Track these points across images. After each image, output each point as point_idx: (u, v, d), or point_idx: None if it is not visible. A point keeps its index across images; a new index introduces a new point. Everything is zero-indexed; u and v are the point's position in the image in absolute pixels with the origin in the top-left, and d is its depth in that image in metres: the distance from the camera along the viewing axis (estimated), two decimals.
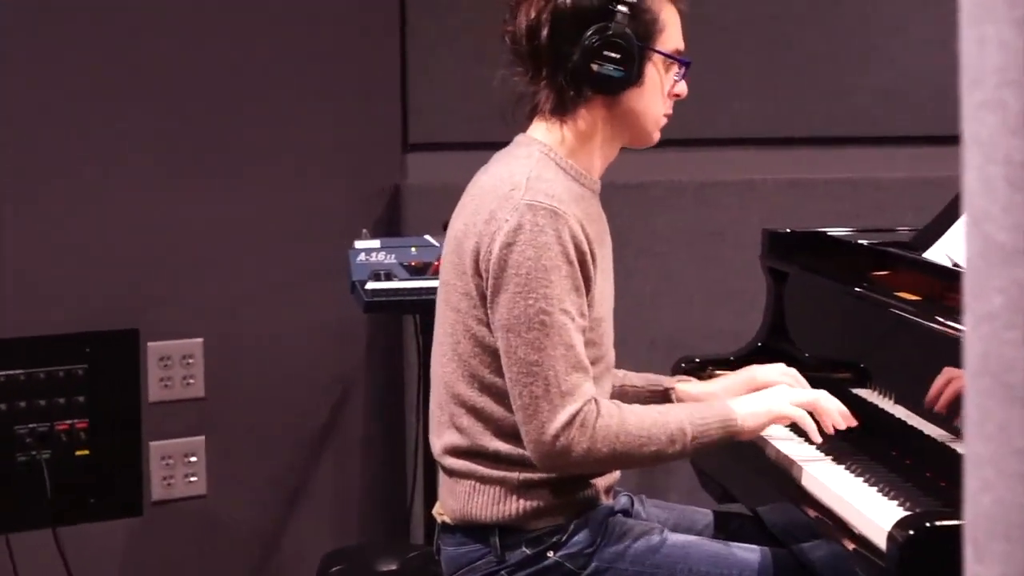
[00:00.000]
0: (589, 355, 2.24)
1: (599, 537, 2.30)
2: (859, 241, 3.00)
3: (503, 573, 2.29)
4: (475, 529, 2.31)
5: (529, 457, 2.25)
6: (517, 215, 2.19)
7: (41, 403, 3.39)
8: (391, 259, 3.26)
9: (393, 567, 2.62)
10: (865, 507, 2.17)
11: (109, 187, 3.53)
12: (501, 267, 2.18)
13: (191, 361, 3.66)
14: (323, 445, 3.85)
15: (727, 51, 3.89)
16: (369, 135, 3.87)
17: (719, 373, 2.94)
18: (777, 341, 3.05)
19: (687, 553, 2.32)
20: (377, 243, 3.32)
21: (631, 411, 2.24)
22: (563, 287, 2.18)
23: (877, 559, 2.05)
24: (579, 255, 2.21)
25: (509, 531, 2.29)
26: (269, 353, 3.75)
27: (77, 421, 3.43)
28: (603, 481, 2.36)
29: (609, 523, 2.32)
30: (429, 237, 3.35)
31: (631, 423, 2.21)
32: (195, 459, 3.68)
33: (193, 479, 3.68)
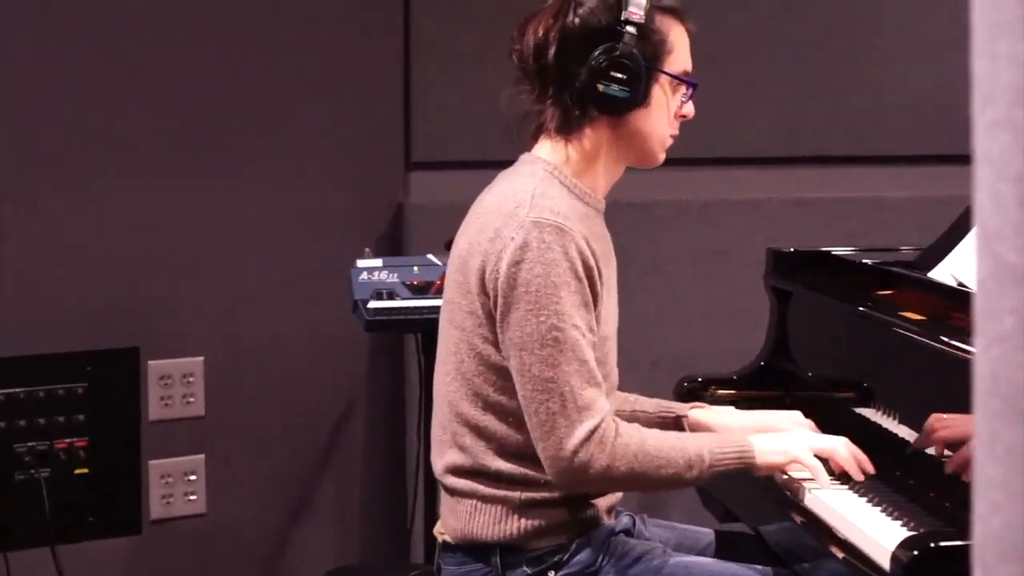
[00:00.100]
0: None
1: (601, 557, 2.29)
2: (863, 260, 3.00)
3: None
4: (476, 548, 2.30)
5: (531, 476, 2.24)
6: (523, 233, 2.18)
7: (40, 421, 3.38)
8: (393, 278, 3.25)
9: None
10: (869, 527, 2.16)
11: (110, 201, 3.52)
12: (510, 286, 2.17)
13: (191, 380, 3.65)
14: (323, 464, 3.84)
15: (733, 71, 3.89)
16: (372, 154, 3.86)
17: (721, 393, 2.93)
18: (780, 360, 3.03)
19: (690, 573, 2.31)
20: (379, 262, 3.31)
21: (651, 433, 2.25)
22: (573, 303, 2.17)
23: None
24: (587, 271, 2.20)
25: (510, 550, 2.28)
26: (269, 372, 3.74)
27: (77, 439, 3.42)
28: (605, 501, 2.35)
29: (611, 543, 2.31)
30: (431, 256, 3.34)
31: (650, 444, 2.21)
32: (195, 477, 3.67)
33: (192, 498, 3.67)
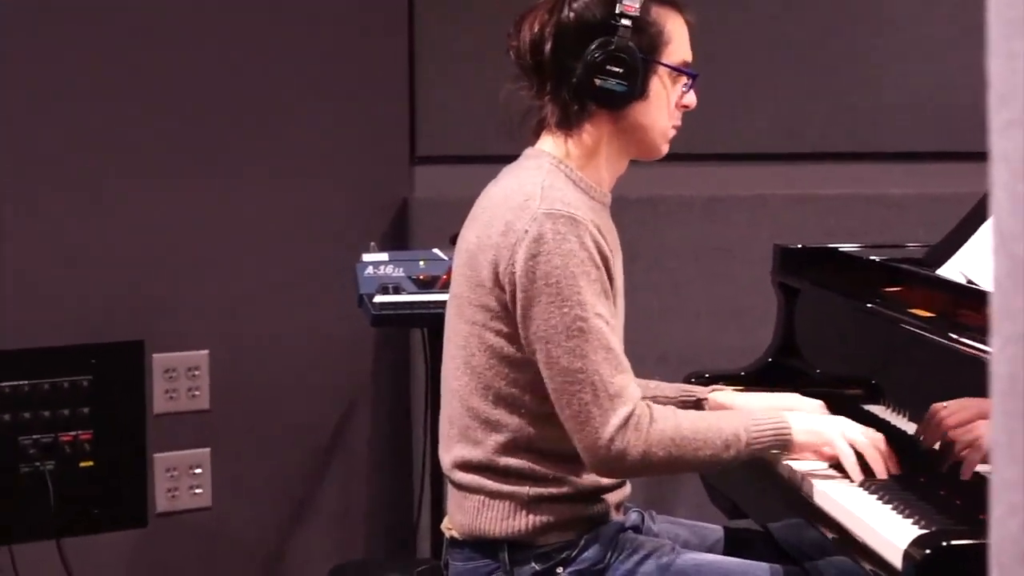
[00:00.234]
0: None
1: (610, 553, 2.28)
2: (871, 257, 2.99)
3: None
4: (484, 544, 2.29)
5: (539, 471, 2.24)
6: (536, 225, 2.17)
7: (45, 414, 3.37)
8: (399, 272, 3.24)
9: None
10: (880, 525, 2.15)
11: (113, 196, 3.51)
12: (530, 279, 2.16)
13: (196, 373, 3.65)
14: (329, 458, 3.83)
15: (738, 66, 3.88)
16: (377, 148, 3.85)
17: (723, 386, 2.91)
18: (788, 357, 3.02)
19: (699, 570, 2.30)
20: (385, 256, 3.30)
21: (685, 415, 2.24)
22: (593, 291, 2.17)
23: None
24: (603, 259, 2.20)
25: (518, 546, 2.27)
26: (275, 365, 3.73)
27: (81, 432, 3.41)
28: (614, 496, 2.34)
29: (620, 539, 2.30)
30: (437, 250, 3.33)
31: (686, 427, 2.20)
32: (200, 471, 3.66)
33: (198, 491, 3.66)
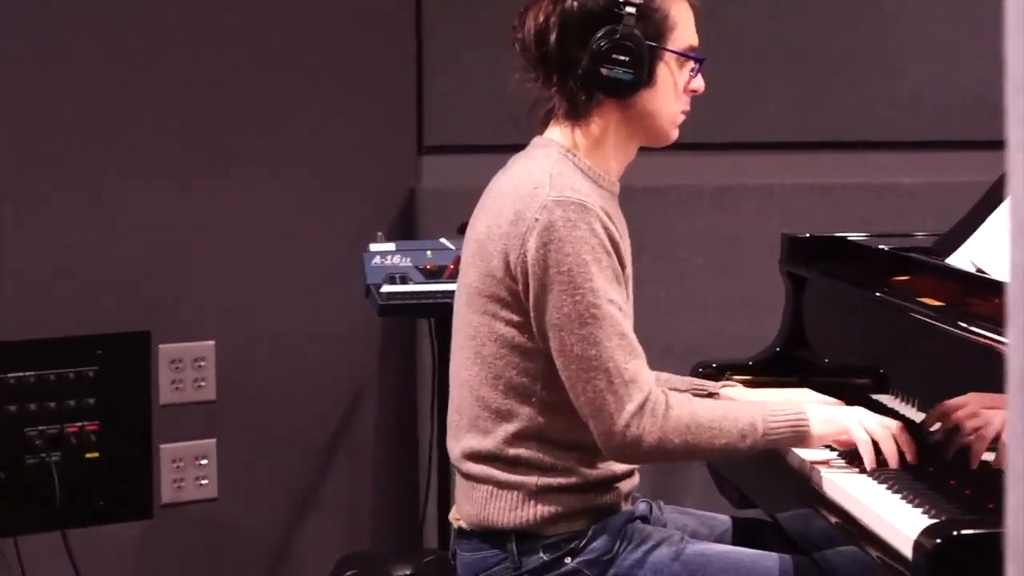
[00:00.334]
0: None
1: (618, 543, 2.27)
2: (879, 246, 2.97)
3: None
4: (492, 534, 2.28)
5: (548, 461, 2.24)
6: (547, 213, 2.16)
7: (51, 405, 3.37)
8: (406, 262, 3.23)
9: (408, 572, 2.58)
10: (889, 515, 2.14)
11: (120, 188, 3.51)
12: (542, 267, 2.15)
13: (203, 364, 3.64)
14: (335, 448, 3.83)
15: (747, 55, 3.87)
16: (384, 138, 3.84)
17: (737, 379, 2.90)
18: (796, 346, 3.01)
19: (708, 561, 2.29)
20: (392, 246, 3.30)
21: (701, 403, 2.23)
22: (605, 278, 2.16)
23: (903, 567, 2.01)
24: (613, 246, 2.20)
25: (526, 537, 2.26)
26: (281, 356, 3.72)
27: (87, 423, 3.41)
28: (622, 486, 2.33)
29: (628, 529, 2.29)
30: (445, 240, 3.33)
31: (702, 415, 2.19)
32: (206, 462, 3.66)
33: (204, 482, 3.66)
